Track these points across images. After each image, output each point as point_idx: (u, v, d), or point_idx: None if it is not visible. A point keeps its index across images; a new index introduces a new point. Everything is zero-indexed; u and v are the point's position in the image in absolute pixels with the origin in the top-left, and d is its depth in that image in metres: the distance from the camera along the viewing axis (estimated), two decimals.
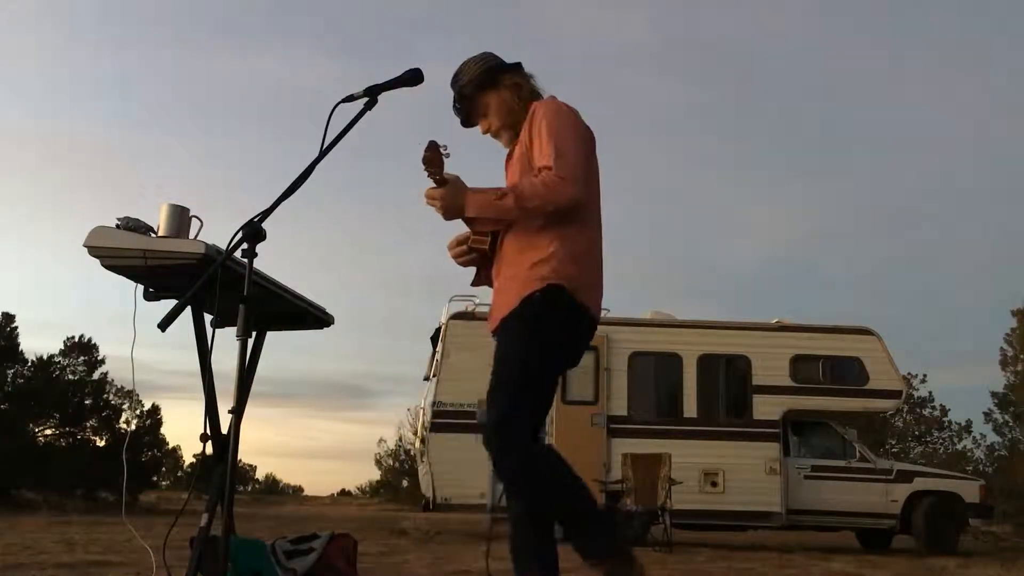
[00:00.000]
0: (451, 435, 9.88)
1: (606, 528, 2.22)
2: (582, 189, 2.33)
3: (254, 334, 3.30)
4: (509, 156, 2.57)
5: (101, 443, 18.14)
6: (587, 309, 2.38)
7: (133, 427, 19.56)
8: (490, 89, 2.54)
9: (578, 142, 2.37)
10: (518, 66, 2.59)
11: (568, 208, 2.31)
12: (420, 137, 2.28)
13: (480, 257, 2.54)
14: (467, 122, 2.62)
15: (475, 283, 2.63)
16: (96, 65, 52.71)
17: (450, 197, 2.34)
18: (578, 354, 2.44)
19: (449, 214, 2.38)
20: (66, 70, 49.80)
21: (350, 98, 2.29)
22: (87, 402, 18.31)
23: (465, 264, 2.58)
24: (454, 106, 2.60)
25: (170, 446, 30.43)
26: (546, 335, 2.30)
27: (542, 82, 2.61)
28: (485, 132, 2.60)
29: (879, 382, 10.66)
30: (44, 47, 47.48)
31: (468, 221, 2.46)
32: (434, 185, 2.36)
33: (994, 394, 20.61)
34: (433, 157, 2.29)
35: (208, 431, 2.84)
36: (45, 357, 18.05)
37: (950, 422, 23.58)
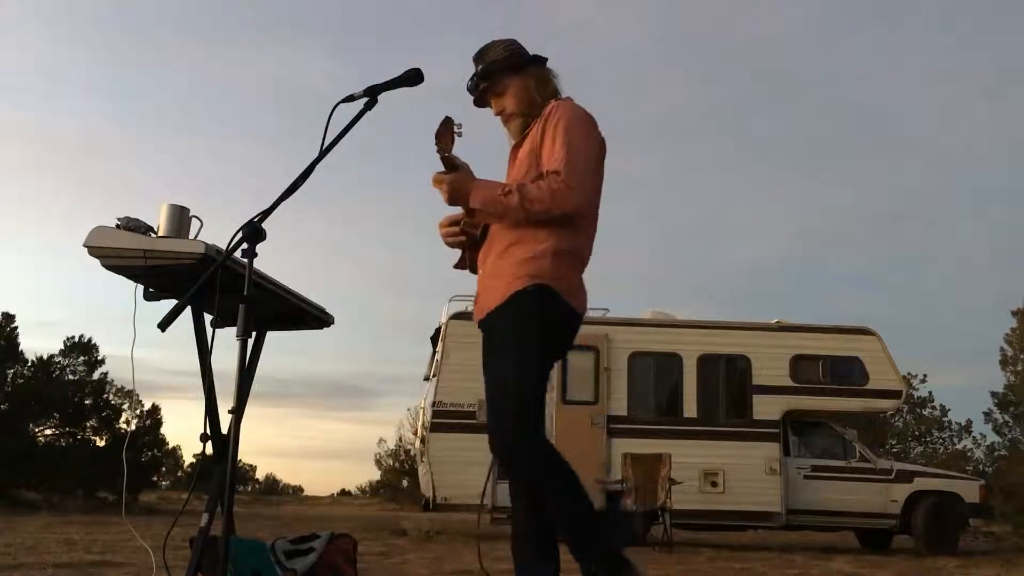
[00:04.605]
0: (451, 435, 9.89)
1: (604, 532, 2.22)
2: (587, 199, 2.37)
3: (254, 334, 3.30)
4: (515, 148, 2.55)
5: (101, 443, 18.11)
6: (573, 309, 2.39)
7: (133, 427, 19.53)
8: (515, 73, 2.53)
9: (590, 151, 2.38)
10: (544, 61, 2.58)
11: (571, 216, 2.34)
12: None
13: (469, 240, 2.54)
14: (480, 100, 2.60)
15: (458, 266, 2.61)
16: (97, 63, 52.74)
17: (457, 184, 2.35)
18: (562, 353, 2.45)
19: (453, 200, 2.39)
20: (66, 68, 49.84)
21: (350, 98, 2.28)
22: (87, 402, 18.27)
23: (452, 245, 2.58)
24: (470, 80, 2.57)
25: (170, 446, 30.36)
26: (536, 334, 2.31)
27: (563, 83, 2.59)
28: (497, 114, 2.58)
29: (879, 382, 10.66)
30: (44, 44, 47.53)
31: (468, 210, 2.46)
32: (443, 168, 2.35)
33: (994, 394, 20.59)
34: (445, 133, 2.28)
35: (208, 431, 2.84)
36: (45, 357, 18.03)
37: (950, 422, 23.58)
